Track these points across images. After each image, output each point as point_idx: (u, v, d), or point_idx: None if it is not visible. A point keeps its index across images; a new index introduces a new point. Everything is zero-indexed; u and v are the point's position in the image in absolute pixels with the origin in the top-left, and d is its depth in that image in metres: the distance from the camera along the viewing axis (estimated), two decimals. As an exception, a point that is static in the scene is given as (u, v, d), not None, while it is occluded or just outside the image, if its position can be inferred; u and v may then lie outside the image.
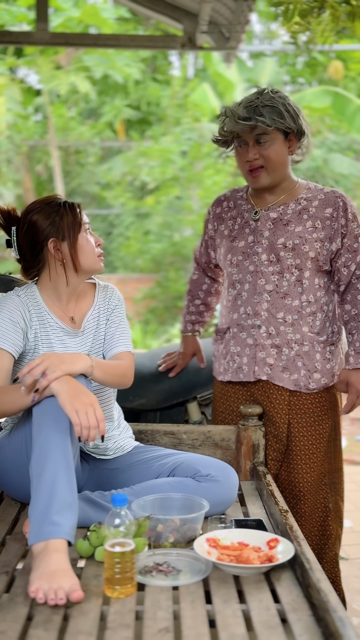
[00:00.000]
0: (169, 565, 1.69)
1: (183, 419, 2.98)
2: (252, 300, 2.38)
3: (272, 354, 2.37)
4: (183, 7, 4.71)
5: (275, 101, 2.27)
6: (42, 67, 10.99)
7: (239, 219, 2.44)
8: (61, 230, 2.07)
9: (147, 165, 11.00)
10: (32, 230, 2.09)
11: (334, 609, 1.37)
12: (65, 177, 12.02)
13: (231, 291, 2.45)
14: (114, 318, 2.20)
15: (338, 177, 11.05)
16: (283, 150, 2.32)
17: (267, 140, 2.28)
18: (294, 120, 2.29)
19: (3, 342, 2.02)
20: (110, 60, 11.16)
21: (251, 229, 2.40)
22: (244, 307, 2.40)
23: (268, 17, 12.16)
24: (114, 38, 5.21)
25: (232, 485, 2.08)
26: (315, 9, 3.95)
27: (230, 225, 2.46)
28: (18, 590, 1.59)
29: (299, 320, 2.36)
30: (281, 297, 2.35)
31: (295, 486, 2.38)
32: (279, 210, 2.38)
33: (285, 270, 2.34)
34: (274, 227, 2.37)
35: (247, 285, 2.40)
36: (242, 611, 1.50)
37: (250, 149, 2.30)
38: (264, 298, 2.36)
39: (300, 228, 2.34)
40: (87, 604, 1.53)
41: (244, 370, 2.41)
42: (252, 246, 2.38)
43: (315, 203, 2.36)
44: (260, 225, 2.38)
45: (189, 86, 11.85)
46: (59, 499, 1.68)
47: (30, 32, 4.78)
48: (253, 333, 2.38)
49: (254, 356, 2.38)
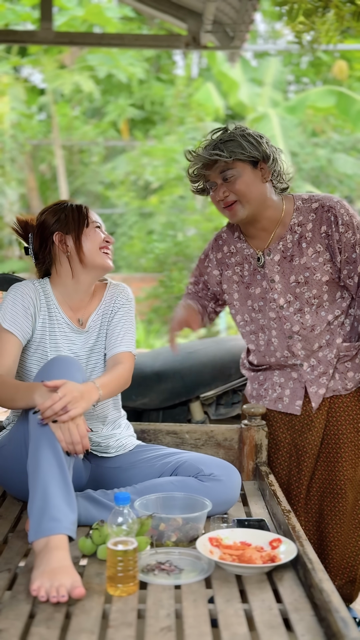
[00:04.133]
0: (171, 564, 1.69)
1: (186, 419, 2.98)
2: (286, 344, 2.35)
3: (323, 383, 2.35)
4: (187, 7, 4.71)
5: (233, 135, 2.21)
6: (46, 66, 11.01)
7: (246, 265, 2.38)
8: (66, 224, 2.13)
9: (151, 165, 11.01)
10: (41, 228, 2.16)
11: (336, 609, 1.37)
12: (68, 176, 12.03)
13: (261, 335, 2.40)
14: (119, 316, 2.20)
15: (342, 177, 11.05)
16: (253, 180, 2.21)
17: (233, 175, 2.20)
18: (255, 148, 2.19)
19: (13, 326, 2.05)
20: (114, 60, 11.17)
21: (262, 275, 2.35)
22: (279, 352, 2.37)
23: (272, 17, 12.15)
24: (118, 37, 5.21)
25: (235, 484, 2.08)
26: (320, 8, 3.95)
27: (238, 271, 2.39)
28: (20, 588, 1.59)
29: (332, 337, 2.34)
30: (310, 330, 2.32)
31: (337, 484, 2.38)
32: (279, 249, 2.31)
33: (305, 305, 2.30)
34: (281, 268, 2.31)
35: (274, 332, 2.36)
36: (244, 611, 1.49)
37: (219, 188, 2.23)
38: (295, 339, 2.33)
39: (304, 259, 2.28)
40: (89, 602, 1.53)
41: (284, 402, 2.38)
42: (267, 291, 2.34)
43: (309, 226, 2.28)
44: (269, 272, 2.33)
45: (192, 85, 11.86)
46: (55, 495, 1.68)
47: (35, 31, 4.79)
48: (297, 368, 2.37)
49: (300, 391, 2.36)
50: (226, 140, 2.20)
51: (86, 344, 2.16)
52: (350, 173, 10.89)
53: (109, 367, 2.12)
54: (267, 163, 2.23)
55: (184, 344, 3.47)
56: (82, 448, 1.82)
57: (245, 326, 2.43)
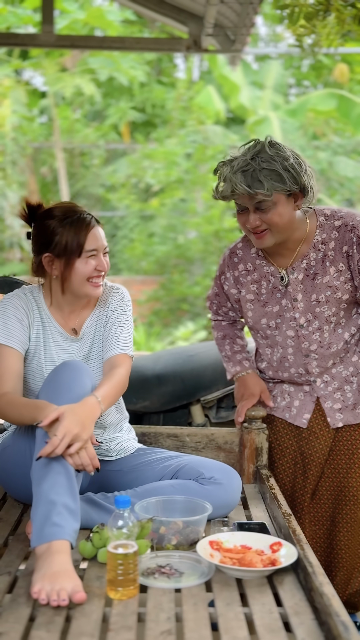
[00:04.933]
0: (172, 568, 1.69)
1: (186, 422, 2.98)
2: (301, 362, 2.32)
3: (338, 398, 2.33)
4: (188, 10, 4.71)
5: (273, 163, 2.07)
6: (47, 69, 11.03)
7: (265, 283, 2.32)
8: (58, 248, 2.05)
9: (152, 168, 11.01)
10: (39, 236, 2.10)
11: (337, 613, 1.37)
12: (70, 179, 12.04)
13: (275, 351, 2.36)
14: (114, 319, 2.16)
15: (343, 180, 11.06)
16: (287, 210, 2.14)
17: (269, 206, 2.11)
18: (295, 180, 2.10)
19: (11, 341, 2.03)
20: (116, 63, 11.18)
21: (282, 294, 2.31)
22: (294, 369, 2.35)
23: (274, 20, 12.17)
24: (119, 40, 5.21)
25: (235, 488, 2.07)
26: (321, 12, 3.95)
27: (254, 289, 2.34)
28: (20, 591, 1.59)
29: (348, 354, 2.33)
30: (326, 348, 2.30)
31: (349, 491, 2.36)
32: (303, 267, 2.26)
33: (324, 324, 2.28)
34: (304, 286, 2.27)
35: (290, 350, 2.33)
36: (245, 614, 1.49)
37: (251, 216, 2.13)
38: (312, 357, 2.31)
39: (327, 278, 2.24)
40: (90, 606, 1.53)
41: (292, 412, 2.37)
42: (287, 311, 2.30)
43: (332, 245, 2.24)
44: (292, 291, 2.28)
45: (194, 89, 11.86)
46: (60, 503, 1.69)
47: (36, 35, 4.80)
48: (309, 383, 2.36)
49: (311, 405, 2.34)
50: (264, 167, 2.07)
51: (81, 351, 2.15)
52: (351, 176, 10.90)
53: (105, 371, 2.10)
54: (304, 196, 2.17)
55: (184, 347, 3.47)
56: (92, 468, 1.83)
57: (261, 340, 2.41)
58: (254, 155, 2.10)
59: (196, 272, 10.55)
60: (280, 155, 2.10)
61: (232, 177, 2.09)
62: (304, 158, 2.18)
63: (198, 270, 10.55)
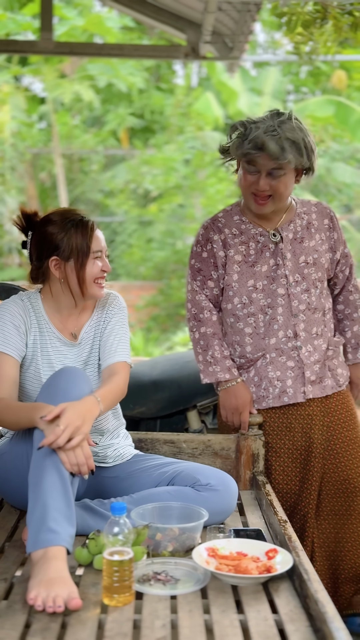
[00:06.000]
0: (167, 574, 1.69)
1: (183, 428, 2.99)
2: (290, 323, 2.36)
3: (316, 370, 2.38)
4: (186, 17, 4.73)
5: (296, 134, 2.21)
6: (46, 75, 11.06)
7: (253, 244, 2.38)
8: (66, 251, 2.06)
9: (150, 174, 11.04)
10: (41, 243, 2.10)
11: (332, 620, 1.37)
12: (68, 184, 12.06)
13: (261, 317, 2.37)
14: (112, 325, 2.17)
15: (341, 186, 11.08)
16: (291, 181, 2.30)
17: (280, 174, 2.24)
18: (309, 160, 2.27)
19: (8, 348, 2.04)
20: (114, 69, 11.21)
21: (272, 252, 2.37)
22: (282, 331, 2.37)
23: (272, 27, 12.21)
24: (117, 47, 5.24)
25: (232, 494, 2.08)
26: (318, 19, 3.98)
27: (242, 250, 2.39)
28: (16, 598, 1.59)
29: (324, 329, 2.42)
30: (312, 312, 2.38)
31: (350, 483, 2.38)
32: (291, 229, 2.39)
33: (311, 286, 2.38)
34: (292, 247, 2.38)
35: (280, 309, 2.36)
36: (240, 621, 1.49)
37: (262, 179, 2.25)
38: (300, 319, 2.36)
39: (312, 242, 2.40)
40: (85, 612, 1.53)
41: (289, 393, 2.37)
42: (276, 269, 2.36)
43: (314, 216, 2.43)
44: (283, 248, 2.37)
45: (192, 95, 11.90)
46: (55, 508, 1.69)
47: (35, 41, 4.81)
48: (294, 355, 2.37)
49: (301, 377, 2.37)
50: (289, 137, 2.20)
51: (79, 357, 2.15)
52: (349, 182, 10.93)
53: (104, 378, 2.10)
54: (308, 174, 2.32)
55: (181, 353, 3.47)
56: (87, 469, 1.82)
57: (243, 309, 2.38)
58: (280, 123, 2.22)
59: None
60: (303, 130, 2.25)
61: (263, 137, 2.19)
62: None
63: (196, 276, 10.55)
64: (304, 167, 2.29)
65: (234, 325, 2.41)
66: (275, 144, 2.19)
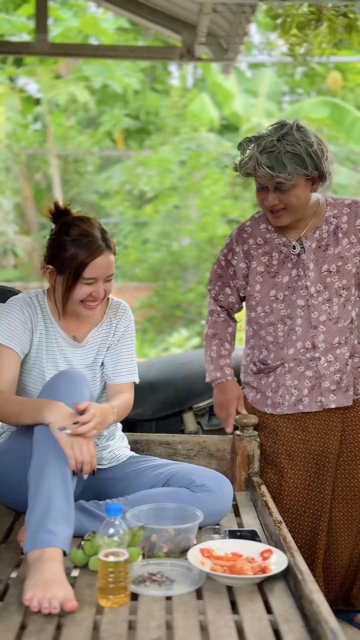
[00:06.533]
0: (163, 575, 1.69)
1: (179, 429, 2.99)
2: (309, 335, 2.34)
3: (336, 380, 2.36)
4: (181, 19, 4.74)
5: (297, 147, 2.17)
6: (41, 76, 11.06)
7: (276, 254, 2.37)
8: (62, 265, 2.03)
9: (146, 175, 11.05)
10: (51, 245, 2.08)
11: (326, 620, 1.38)
12: (64, 185, 12.06)
13: (281, 327, 2.37)
14: (125, 341, 2.20)
15: (336, 188, 11.10)
16: (304, 192, 2.24)
17: (288, 188, 2.21)
18: (316, 166, 2.21)
19: (10, 340, 2.03)
20: (110, 70, 11.22)
21: (294, 263, 2.36)
22: (301, 342, 2.36)
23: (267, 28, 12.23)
24: (112, 49, 5.24)
25: (227, 495, 2.08)
26: (313, 21, 3.99)
27: (265, 261, 2.38)
28: (12, 599, 1.59)
29: (350, 337, 2.37)
30: (334, 322, 2.34)
31: (352, 491, 2.38)
32: (315, 237, 2.35)
33: (333, 295, 2.34)
34: (315, 256, 2.35)
35: (299, 320, 2.35)
36: (235, 622, 1.50)
37: (270, 195, 2.23)
38: (320, 330, 2.34)
39: (338, 249, 2.33)
40: (81, 614, 1.53)
41: (304, 402, 2.37)
42: (297, 280, 2.35)
43: (344, 219, 2.35)
44: (305, 259, 2.34)
45: (187, 96, 11.92)
46: (56, 508, 1.69)
47: (30, 43, 4.82)
48: (312, 365, 2.36)
49: (318, 387, 2.35)
50: (289, 150, 2.17)
51: (84, 359, 2.15)
52: (344, 183, 10.95)
53: (113, 393, 2.15)
54: (322, 181, 2.27)
55: (176, 355, 3.48)
56: (90, 468, 1.83)
57: (265, 317, 2.39)
58: (280, 137, 2.20)
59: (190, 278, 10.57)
60: (306, 140, 2.20)
61: (258, 156, 2.19)
62: (326, 143, 2.26)
63: (192, 277, 10.58)
64: (313, 176, 2.22)
65: (257, 332, 2.45)
66: (272, 161, 2.17)
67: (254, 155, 2.20)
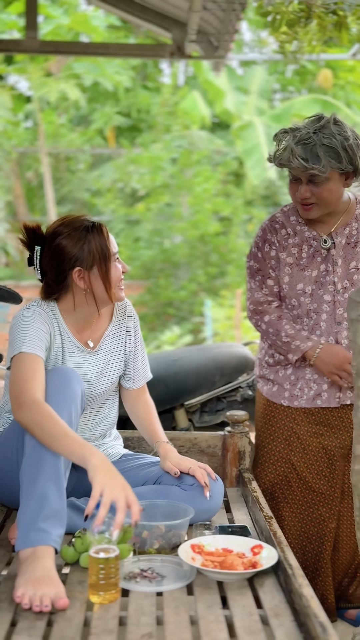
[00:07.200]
0: (153, 571, 1.70)
1: (170, 426, 2.99)
2: (332, 330, 2.34)
3: None
4: (172, 16, 4.74)
5: (333, 140, 2.18)
6: (32, 74, 11.02)
7: (306, 247, 2.36)
8: (89, 259, 2.00)
9: (137, 173, 11.04)
10: (59, 257, 2.01)
11: (315, 615, 1.39)
12: (55, 183, 12.03)
13: (306, 320, 2.37)
14: (138, 345, 2.23)
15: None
16: (337, 186, 2.25)
17: (321, 181, 2.22)
18: (351, 160, 2.21)
19: (40, 351, 1.95)
20: (101, 68, 11.20)
21: (323, 258, 2.35)
22: (324, 337, 2.35)
23: (258, 25, 12.23)
24: (103, 46, 5.23)
25: (217, 492, 2.09)
26: (303, 18, 3.99)
27: (295, 252, 2.37)
28: (2, 597, 1.60)
29: None
30: None
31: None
32: (345, 234, 2.35)
33: None
34: (344, 252, 2.35)
35: (324, 315, 2.35)
36: (225, 616, 1.51)
37: (303, 187, 2.24)
38: (344, 327, 2.33)
39: None
40: (71, 610, 1.53)
41: (323, 397, 2.36)
42: (325, 275, 2.34)
43: None
44: (335, 254, 2.34)
45: (179, 94, 11.91)
46: (48, 507, 1.69)
47: (20, 40, 4.80)
48: None
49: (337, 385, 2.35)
50: (324, 143, 2.17)
51: (96, 366, 2.13)
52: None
53: (133, 397, 2.26)
54: (356, 176, 2.26)
55: (168, 352, 3.48)
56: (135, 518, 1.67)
57: (292, 310, 2.38)
58: (317, 129, 2.21)
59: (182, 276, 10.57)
60: (342, 134, 2.21)
61: (293, 147, 2.20)
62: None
63: (184, 274, 10.58)
64: (347, 170, 2.22)
65: None
66: (306, 153, 2.17)
67: (289, 146, 2.21)
